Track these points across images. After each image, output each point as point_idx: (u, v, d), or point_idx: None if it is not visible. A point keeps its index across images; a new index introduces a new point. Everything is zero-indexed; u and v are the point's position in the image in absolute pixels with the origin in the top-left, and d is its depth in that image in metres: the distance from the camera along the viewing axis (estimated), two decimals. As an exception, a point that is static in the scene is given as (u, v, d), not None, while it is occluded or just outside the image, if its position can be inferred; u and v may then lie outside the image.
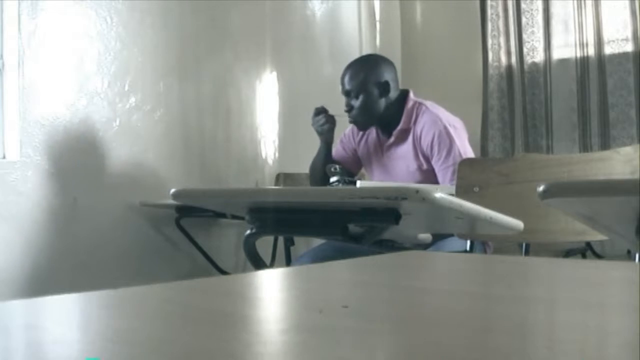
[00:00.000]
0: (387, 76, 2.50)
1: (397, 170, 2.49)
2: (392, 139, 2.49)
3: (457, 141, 2.36)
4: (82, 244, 2.80)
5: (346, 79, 2.50)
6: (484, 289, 0.60)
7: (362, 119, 2.49)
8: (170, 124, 3.14)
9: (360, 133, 2.61)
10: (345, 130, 2.69)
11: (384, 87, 2.47)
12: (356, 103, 2.46)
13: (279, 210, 1.63)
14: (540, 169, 1.97)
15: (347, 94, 2.49)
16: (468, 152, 2.40)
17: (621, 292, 0.57)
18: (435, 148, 2.36)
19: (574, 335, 0.41)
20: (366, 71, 2.48)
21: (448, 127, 2.37)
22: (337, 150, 2.68)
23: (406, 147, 2.46)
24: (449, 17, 4.23)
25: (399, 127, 2.46)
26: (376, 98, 2.46)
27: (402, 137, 2.47)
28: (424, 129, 2.40)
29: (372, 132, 2.58)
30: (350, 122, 2.54)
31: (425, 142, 2.39)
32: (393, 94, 2.49)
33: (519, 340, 0.39)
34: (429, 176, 2.40)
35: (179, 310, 0.50)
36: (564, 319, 0.47)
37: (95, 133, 2.86)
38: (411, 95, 2.51)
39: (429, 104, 2.48)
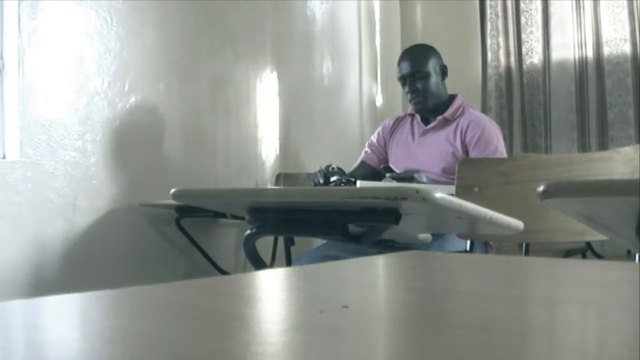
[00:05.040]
0: (442, 62, 2.73)
1: (429, 154, 2.64)
2: (431, 125, 2.68)
3: (500, 143, 2.59)
4: (82, 244, 2.80)
5: (410, 62, 2.67)
6: (484, 289, 0.60)
7: (428, 100, 2.66)
8: (170, 124, 3.15)
9: (393, 125, 2.82)
10: (371, 137, 2.89)
11: (443, 71, 2.71)
12: (422, 84, 2.64)
13: (279, 210, 1.63)
14: (540, 169, 1.97)
15: (411, 75, 2.65)
16: (504, 154, 2.64)
17: (621, 292, 0.57)
18: (482, 142, 2.55)
19: (574, 335, 0.41)
20: (430, 55, 2.69)
21: (496, 129, 2.63)
22: (366, 155, 2.87)
23: (444, 134, 2.64)
24: (449, 17, 4.24)
25: (443, 115, 2.65)
26: (439, 80, 2.69)
27: (442, 125, 2.66)
28: (471, 123, 2.59)
29: (406, 122, 2.79)
30: (416, 102, 2.67)
31: (470, 134, 2.58)
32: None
33: (519, 340, 0.39)
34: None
35: (178, 310, 0.50)
36: (564, 319, 0.47)
37: (96, 133, 2.86)
38: (460, 95, 2.73)
39: (472, 108, 2.74)
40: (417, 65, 2.65)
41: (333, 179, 2.36)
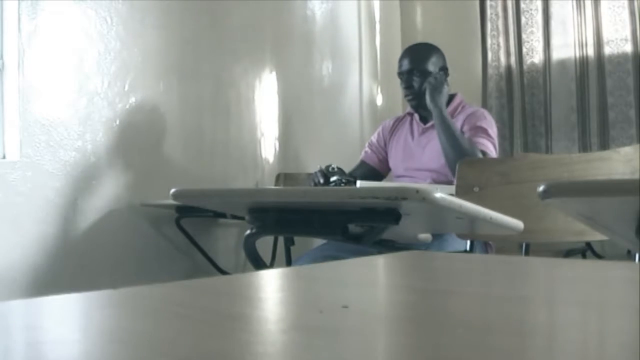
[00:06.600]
0: (445, 63, 2.69)
1: (429, 152, 2.62)
2: (430, 123, 2.64)
3: (492, 130, 2.56)
4: (82, 244, 2.80)
5: (409, 59, 2.65)
6: (484, 289, 0.60)
7: (422, 99, 2.61)
8: (170, 124, 3.15)
9: (393, 125, 2.80)
10: (371, 137, 2.88)
11: (445, 72, 2.67)
12: (418, 83, 2.61)
13: (279, 210, 1.62)
14: (540, 169, 1.97)
15: (408, 72, 2.62)
16: (497, 144, 2.58)
17: (621, 292, 0.57)
18: (473, 119, 2.54)
19: (574, 335, 0.41)
20: (432, 55, 2.66)
21: (491, 120, 2.60)
22: (366, 155, 2.85)
23: None
24: (449, 17, 4.24)
25: None
26: (440, 80, 2.66)
27: None
28: (467, 117, 2.58)
29: (406, 121, 2.77)
30: (409, 100, 2.66)
31: (467, 123, 2.55)
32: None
33: (519, 340, 0.39)
34: None
35: (179, 310, 0.50)
36: (564, 319, 0.47)
37: (95, 133, 2.86)
38: (459, 94, 2.72)
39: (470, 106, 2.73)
40: (415, 63, 2.63)
41: (333, 179, 2.36)
